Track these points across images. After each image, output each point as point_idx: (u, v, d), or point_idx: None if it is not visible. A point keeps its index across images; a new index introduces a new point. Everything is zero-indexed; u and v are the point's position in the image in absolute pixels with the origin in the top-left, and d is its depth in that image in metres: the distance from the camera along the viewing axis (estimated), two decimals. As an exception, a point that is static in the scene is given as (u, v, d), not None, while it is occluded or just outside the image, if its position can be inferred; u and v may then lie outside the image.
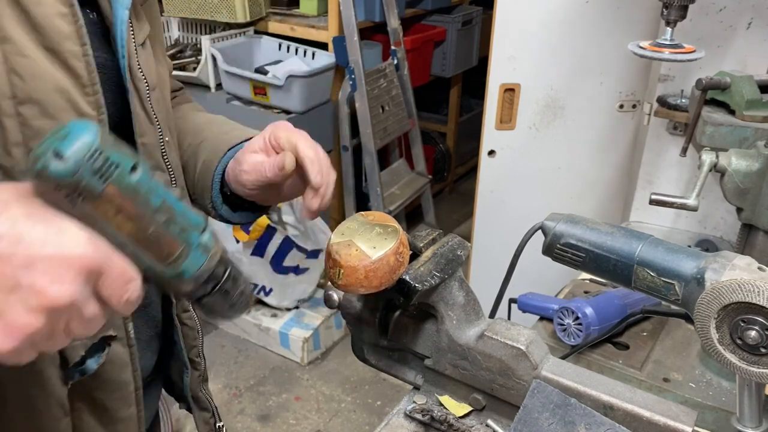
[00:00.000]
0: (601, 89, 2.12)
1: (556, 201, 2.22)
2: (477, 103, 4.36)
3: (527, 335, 0.82)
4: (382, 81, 2.91)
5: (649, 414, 0.75)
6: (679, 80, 1.75)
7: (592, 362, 1.14)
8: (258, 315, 2.99)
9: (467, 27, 3.65)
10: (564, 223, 0.91)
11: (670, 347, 1.17)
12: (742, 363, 0.76)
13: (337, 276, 0.74)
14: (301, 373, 2.87)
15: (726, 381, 1.07)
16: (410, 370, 0.93)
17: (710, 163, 1.21)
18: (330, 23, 2.83)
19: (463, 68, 3.81)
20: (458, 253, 0.85)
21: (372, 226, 0.77)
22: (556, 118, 2.18)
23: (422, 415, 0.88)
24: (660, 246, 0.84)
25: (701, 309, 0.77)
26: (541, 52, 2.11)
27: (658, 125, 1.80)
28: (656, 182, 1.84)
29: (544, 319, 1.24)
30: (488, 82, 2.14)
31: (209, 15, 2.90)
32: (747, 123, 1.37)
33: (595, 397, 0.78)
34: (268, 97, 2.73)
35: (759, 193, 1.19)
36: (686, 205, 1.22)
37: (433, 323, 0.87)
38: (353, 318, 0.91)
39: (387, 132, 2.95)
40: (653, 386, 1.08)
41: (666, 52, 1.33)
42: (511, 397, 0.83)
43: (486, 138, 2.22)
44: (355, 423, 2.62)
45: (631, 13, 2.00)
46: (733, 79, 1.41)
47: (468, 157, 4.39)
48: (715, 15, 1.66)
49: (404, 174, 3.19)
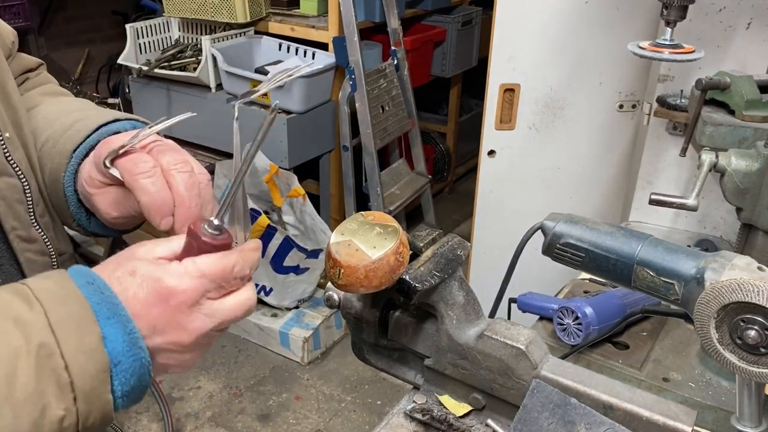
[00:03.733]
0: (601, 89, 2.12)
1: (556, 201, 2.22)
2: (477, 103, 4.36)
3: (527, 335, 0.82)
4: (382, 81, 2.91)
5: (648, 414, 0.76)
6: (678, 80, 1.75)
7: (592, 362, 1.14)
8: (258, 315, 2.99)
9: (467, 27, 3.65)
10: (564, 223, 0.91)
11: (670, 347, 1.18)
12: (742, 363, 0.76)
13: (337, 276, 0.74)
14: (302, 373, 2.87)
15: (726, 381, 1.08)
16: (410, 370, 0.93)
17: (710, 163, 1.21)
18: (330, 23, 2.83)
19: (463, 68, 3.81)
20: (458, 253, 0.85)
21: (372, 226, 0.77)
22: (556, 118, 2.18)
23: (422, 414, 0.88)
24: (660, 246, 0.84)
25: (701, 309, 0.77)
26: (541, 52, 2.11)
27: (658, 125, 1.80)
28: (656, 182, 1.84)
29: (544, 319, 1.24)
30: (488, 82, 2.14)
31: (209, 15, 2.91)
32: (747, 123, 1.37)
33: (594, 396, 0.78)
34: (268, 97, 2.73)
35: (759, 193, 1.19)
36: (686, 205, 1.22)
37: (433, 323, 0.87)
38: (353, 318, 0.91)
39: (387, 132, 2.95)
40: (653, 386, 1.08)
41: (666, 52, 1.33)
42: (511, 396, 0.83)
43: (486, 138, 2.22)
44: (355, 423, 2.62)
45: (631, 14, 2.00)
46: (732, 79, 1.41)
47: (468, 157, 4.39)
48: (714, 15, 1.66)
49: (404, 174, 3.19)
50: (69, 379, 0.53)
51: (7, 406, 0.50)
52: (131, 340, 0.56)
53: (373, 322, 0.89)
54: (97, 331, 0.54)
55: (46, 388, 0.52)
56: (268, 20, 3.01)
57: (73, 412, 0.54)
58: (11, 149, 0.69)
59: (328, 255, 0.75)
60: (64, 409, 0.53)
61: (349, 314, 0.91)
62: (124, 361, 0.55)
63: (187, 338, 0.58)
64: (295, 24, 2.96)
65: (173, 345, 0.59)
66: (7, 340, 0.52)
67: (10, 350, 0.51)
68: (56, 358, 0.53)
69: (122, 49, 2.95)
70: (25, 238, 0.72)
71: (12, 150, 0.69)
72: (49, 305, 0.54)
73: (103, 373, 0.54)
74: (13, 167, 0.69)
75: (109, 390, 0.55)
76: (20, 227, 0.71)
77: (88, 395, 0.54)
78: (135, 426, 2.46)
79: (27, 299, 0.54)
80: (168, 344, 0.58)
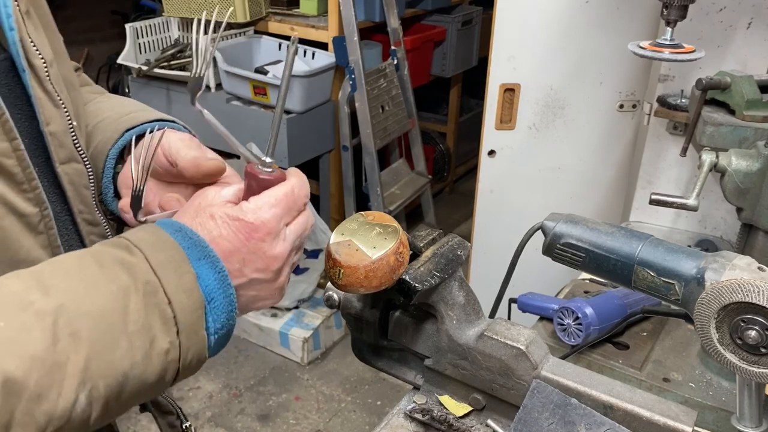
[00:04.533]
0: (601, 89, 2.12)
1: (556, 201, 2.22)
2: (477, 103, 4.36)
3: (527, 335, 0.82)
4: (382, 81, 2.91)
5: (648, 414, 0.76)
6: (679, 80, 1.74)
7: (592, 362, 1.14)
8: (258, 315, 2.99)
9: (467, 27, 3.65)
10: (564, 223, 0.91)
11: (670, 347, 1.17)
12: (742, 363, 0.76)
13: (337, 276, 0.74)
14: (301, 373, 2.87)
15: (726, 381, 1.07)
16: (410, 370, 0.93)
17: (710, 163, 1.21)
18: (330, 23, 2.83)
19: (463, 68, 3.81)
20: (458, 253, 0.85)
21: (372, 226, 0.77)
22: (556, 118, 2.18)
23: (422, 415, 0.88)
24: (660, 246, 0.84)
25: (701, 309, 0.77)
26: (541, 52, 2.11)
27: (658, 125, 1.79)
28: (656, 182, 1.84)
29: (544, 319, 1.24)
30: (488, 82, 2.14)
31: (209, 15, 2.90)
32: (747, 123, 1.37)
33: (595, 397, 0.78)
34: (268, 97, 2.73)
35: (759, 193, 1.19)
36: (686, 205, 1.22)
37: (433, 323, 0.87)
38: (353, 318, 0.91)
39: (387, 132, 2.95)
40: (653, 386, 1.08)
41: (666, 52, 1.33)
42: (511, 397, 0.83)
43: (486, 138, 2.22)
44: (355, 423, 2.62)
45: (631, 13, 2.00)
46: (733, 79, 1.40)
47: (468, 157, 4.39)
48: (715, 15, 1.66)
49: (404, 174, 3.19)
50: (172, 314, 0.59)
51: (123, 338, 0.56)
52: (221, 278, 0.62)
53: (373, 322, 0.89)
54: (192, 272, 0.61)
55: (153, 323, 0.58)
56: (268, 20, 3.01)
57: (176, 345, 0.59)
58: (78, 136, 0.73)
59: (328, 255, 0.75)
60: (168, 342, 0.58)
61: (349, 314, 0.91)
62: (217, 297, 0.62)
63: (275, 263, 0.66)
64: (295, 24, 2.96)
65: (263, 273, 0.66)
66: (117, 281, 0.57)
67: (121, 288, 0.57)
68: (160, 295, 0.58)
69: (122, 49, 2.95)
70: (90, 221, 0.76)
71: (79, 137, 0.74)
72: (148, 252, 0.60)
73: (199, 310, 0.61)
74: (80, 154, 0.74)
75: (204, 326, 0.61)
76: (86, 211, 0.75)
77: (189, 330, 0.60)
78: (135, 426, 2.46)
79: (128, 248, 0.60)
80: (259, 274, 0.65)
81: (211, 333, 0.62)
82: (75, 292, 0.56)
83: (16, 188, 0.64)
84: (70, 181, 0.72)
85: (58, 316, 0.53)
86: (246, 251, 0.64)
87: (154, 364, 0.58)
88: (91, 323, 0.54)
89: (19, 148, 0.63)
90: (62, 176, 0.71)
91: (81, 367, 0.53)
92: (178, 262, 0.60)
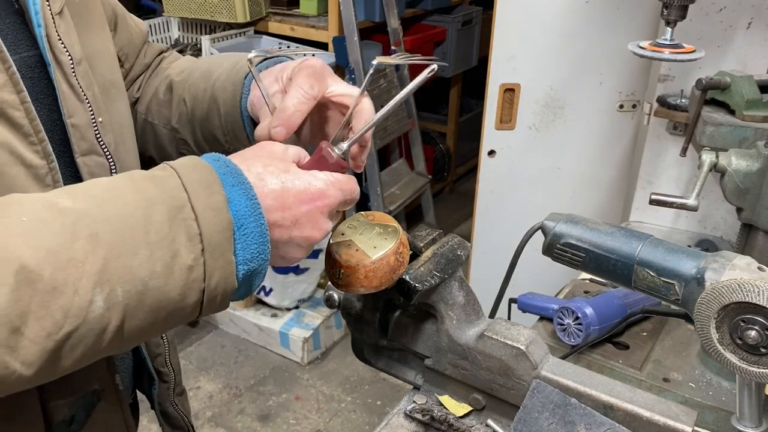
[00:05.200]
0: (601, 89, 2.12)
1: (556, 201, 2.22)
2: (477, 103, 4.36)
3: (527, 335, 0.82)
4: (382, 81, 2.91)
5: (648, 414, 0.76)
6: (679, 80, 1.74)
7: (592, 362, 1.14)
8: (258, 315, 3.00)
9: (467, 27, 3.65)
10: (564, 223, 0.91)
11: (670, 347, 1.17)
12: (742, 363, 0.76)
13: (337, 276, 0.74)
14: (301, 373, 2.87)
15: (726, 381, 1.07)
16: (410, 370, 0.93)
17: (710, 163, 1.21)
18: (330, 23, 2.83)
19: (463, 68, 3.81)
20: (458, 253, 0.85)
21: (372, 226, 0.77)
22: (556, 118, 2.18)
23: (422, 415, 0.88)
24: (660, 246, 0.84)
25: (701, 309, 0.77)
26: (541, 52, 2.11)
27: (658, 125, 1.79)
28: (656, 182, 1.84)
29: (544, 319, 1.24)
30: (488, 82, 2.14)
31: (209, 15, 2.90)
32: (747, 123, 1.37)
33: (595, 397, 0.78)
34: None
35: (759, 193, 1.19)
36: (686, 205, 1.22)
37: (433, 323, 0.87)
38: (353, 318, 0.91)
39: (387, 132, 2.95)
40: (653, 386, 1.08)
41: (666, 52, 1.33)
42: (511, 397, 0.83)
43: (486, 138, 2.22)
44: (355, 423, 2.62)
45: (631, 13, 2.00)
46: (733, 79, 1.41)
47: (468, 157, 4.39)
48: (715, 15, 1.66)
49: (404, 174, 3.18)
50: (198, 230, 0.58)
51: (144, 246, 0.56)
52: (253, 206, 0.61)
53: (373, 322, 0.89)
54: (222, 193, 0.60)
55: (177, 236, 0.57)
56: (268, 20, 3.01)
57: (200, 263, 0.58)
58: (103, 133, 0.76)
59: (328, 255, 0.75)
60: (192, 259, 0.58)
61: (349, 314, 0.91)
62: (247, 225, 0.61)
63: (318, 236, 0.66)
64: (295, 24, 2.96)
65: (305, 240, 0.66)
66: (143, 192, 0.58)
67: (146, 199, 0.58)
68: (187, 210, 0.58)
69: (122, 49, 2.95)
70: None
71: (104, 134, 0.76)
72: (182, 171, 0.61)
73: (227, 231, 0.60)
74: (102, 148, 0.76)
75: (232, 250, 0.60)
76: None
77: (214, 250, 0.59)
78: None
79: (163, 168, 0.62)
80: (302, 239, 0.66)
81: (240, 262, 0.61)
82: (100, 198, 0.57)
83: (24, 139, 0.65)
84: (90, 172, 0.74)
85: (80, 217, 0.54)
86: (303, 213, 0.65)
87: (175, 279, 0.57)
88: (111, 227, 0.55)
89: (26, 100, 0.65)
90: (82, 167, 0.74)
91: (98, 268, 0.53)
92: (210, 182, 0.60)
